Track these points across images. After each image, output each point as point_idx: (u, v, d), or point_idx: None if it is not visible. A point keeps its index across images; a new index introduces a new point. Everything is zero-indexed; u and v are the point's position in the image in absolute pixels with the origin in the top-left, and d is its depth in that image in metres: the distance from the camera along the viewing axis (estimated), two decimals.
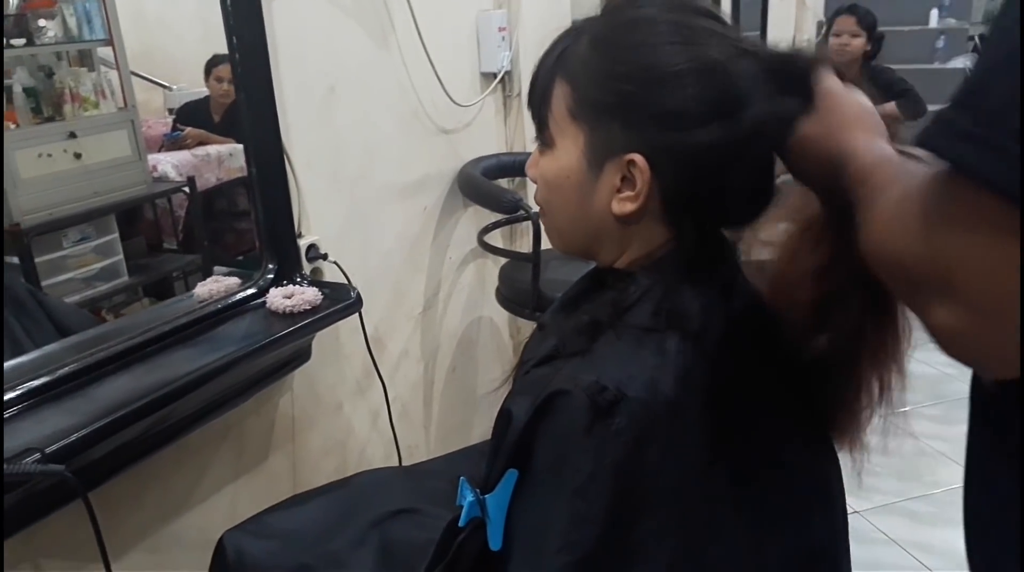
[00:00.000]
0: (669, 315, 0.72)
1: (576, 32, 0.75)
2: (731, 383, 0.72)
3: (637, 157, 0.70)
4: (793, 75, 0.69)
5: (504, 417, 0.76)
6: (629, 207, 0.72)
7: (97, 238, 2.58)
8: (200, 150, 3.00)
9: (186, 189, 2.82)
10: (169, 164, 2.87)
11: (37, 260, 2.33)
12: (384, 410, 1.73)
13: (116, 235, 2.64)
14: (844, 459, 0.83)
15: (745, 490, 0.73)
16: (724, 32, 0.71)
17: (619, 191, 0.72)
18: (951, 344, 0.47)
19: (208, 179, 2.94)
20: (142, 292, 2.73)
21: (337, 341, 1.67)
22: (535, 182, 0.81)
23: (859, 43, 3.04)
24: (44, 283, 2.33)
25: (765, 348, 0.76)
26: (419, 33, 1.72)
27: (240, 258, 3.12)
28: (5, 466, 0.93)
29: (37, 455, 0.98)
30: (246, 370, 1.35)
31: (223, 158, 2.99)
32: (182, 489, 1.42)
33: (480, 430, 2.24)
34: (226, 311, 1.40)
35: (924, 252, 0.46)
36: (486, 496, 0.77)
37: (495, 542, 0.75)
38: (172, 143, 3.10)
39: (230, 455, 1.50)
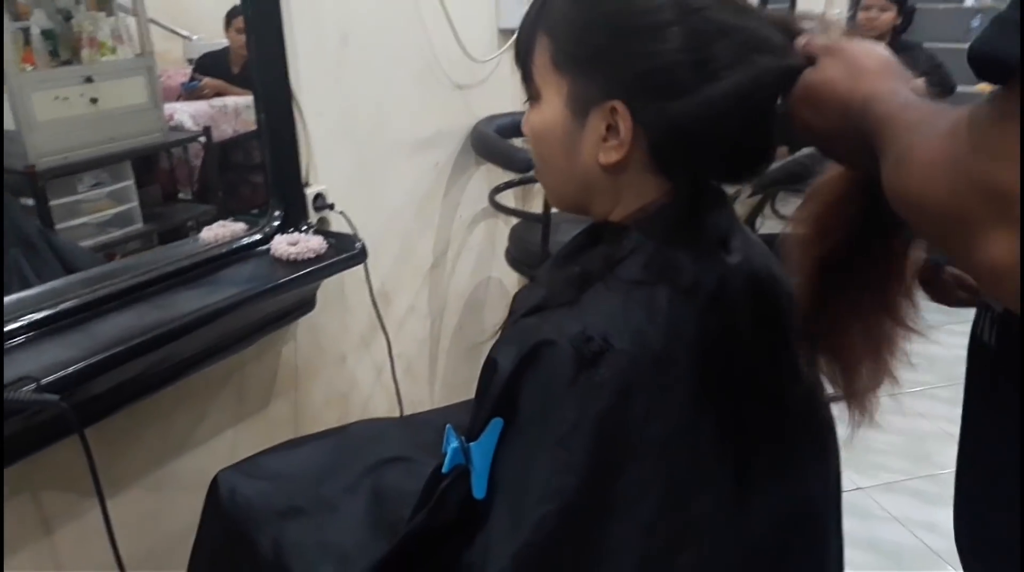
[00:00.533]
0: (660, 268, 0.71)
1: None
2: (722, 338, 0.71)
3: (618, 104, 0.69)
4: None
5: (490, 366, 0.75)
6: (615, 156, 0.72)
7: (112, 184, 2.59)
8: (217, 101, 3.00)
9: (202, 139, 2.82)
10: (186, 114, 2.87)
11: (52, 203, 2.35)
12: (388, 364, 1.73)
13: (131, 182, 2.65)
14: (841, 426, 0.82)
15: (732, 446, 0.72)
16: None
17: (605, 140, 0.72)
18: (1005, 278, 0.43)
19: (225, 130, 2.94)
20: (156, 239, 2.75)
21: (343, 293, 1.67)
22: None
23: (888, 17, 2.97)
24: (58, 226, 2.35)
25: (764, 306, 0.74)
26: None
27: (255, 211, 3.12)
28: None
29: (33, 384, 0.98)
30: (247, 314, 1.35)
31: (240, 110, 2.99)
32: (182, 429, 1.43)
33: None
34: (230, 255, 1.40)
35: (978, 180, 0.43)
36: (471, 444, 0.76)
37: (479, 490, 0.75)
38: (189, 93, 3.10)
39: (231, 399, 1.51)
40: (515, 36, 0.79)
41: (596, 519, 0.69)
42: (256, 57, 1.38)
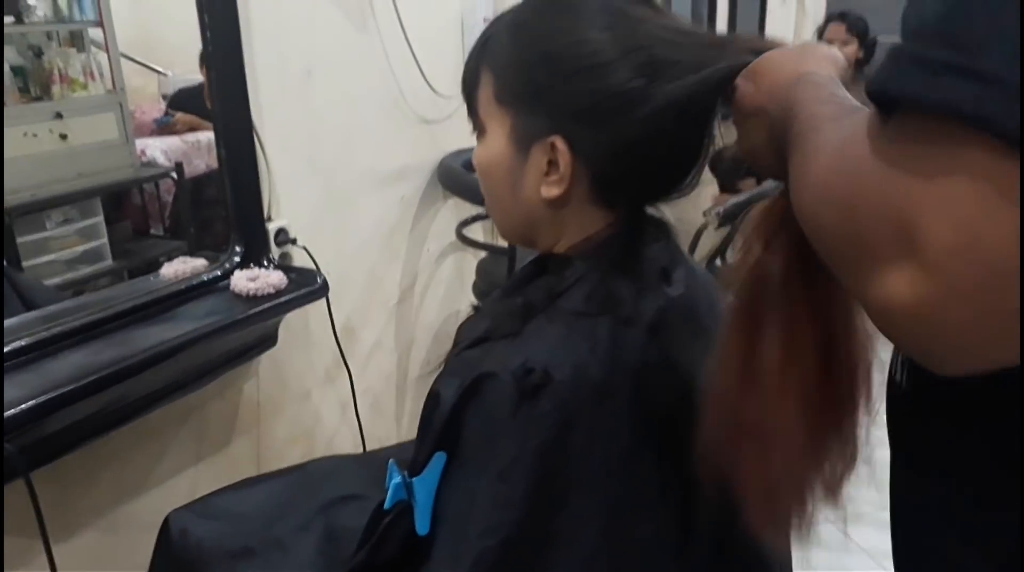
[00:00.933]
0: (602, 300, 0.71)
1: (499, 20, 0.75)
2: (662, 369, 0.71)
3: (558, 140, 0.70)
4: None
5: (432, 399, 0.75)
6: (556, 191, 0.72)
7: (81, 220, 2.57)
8: (191, 136, 2.99)
9: (174, 175, 2.81)
10: (158, 149, 2.86)
11: (19, 240, 2.32)
12: (352, 400, 1.71)
13: (101, 218, 2.63)
14: None
15: (674, 474, 0.71)
16: (654, 16, 0.71)
17: (547, 175, 0.72)
18: (899, 320, 0.37)
19: (197, 166, 2.93)
20: (127, 276, 2.71)
21: (307, 328, 1.65)
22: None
23: (850, 50, 3.04)
24: (25, 264, 2.32)
25: (703, 338, 0.74)
26: (400, 19, 1.71)
27: (226, 247, 3.12)
28: None
29: None
30: (206, 351, 1.34)
31: (213, 145, 2.97)
32: (140, 470, 1.41)
33: None
34: (190, 292, 1.39)
35: (881, 200, 0.37)
36: (413, 479, 0.75)
37: (422, 526, 0.74)
38: (162, 128, 3.09)
39: (191, 438, 1.49)
40: (462, 72, 0.80)
41: (538, 552, 0.68)
42: (216, 91, 1.38)
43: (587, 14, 0.70)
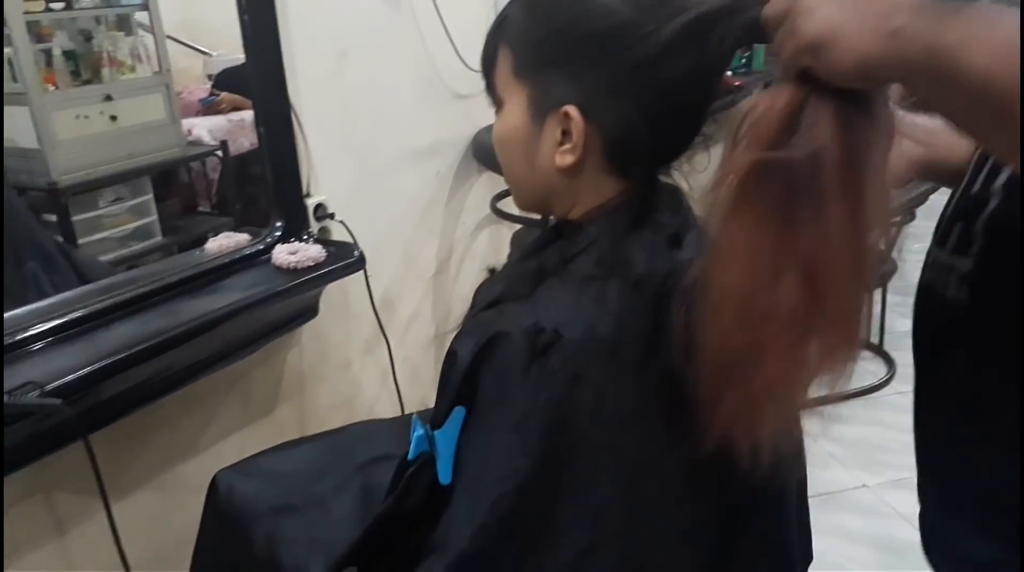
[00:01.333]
0: (612, 263, 0.74)
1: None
2: (669, 331, 0.74)
3: (571, 109, 0.73)
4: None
5: (450, 357, 0.79)
6: (569, 159, 0.75)
7: (132, 199, 2.67)
8: (235, 115, 3.07)
9: (219, 153, 2.89)
10: (204, 128, 2.94)
11: (74, 218, 2.42)
12: (392, 369, 1.77)
13: (151, 196, 2.72)
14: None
15: (680, 432, 0.74)
16: None
17: (561, 144, 0.75)
18: None
19: (242, 144, 3.01)
20: (176, 252, 2.82)
21: (346, 300, 1.71)
22: None
23: None
24: (81, 241, 2.42)
25: None
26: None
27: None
28: (7, 397, 0.99)
29: (36, 390, 1.04)
30: (249, 321, 1.40)
31: None
32: (189, 434, 1.48)
33: None
34: (233, 265, 1.45)
35: None
36: (435, 432, 0.80)
37: (444, 476, 0.78)
38: (208, 108, 3.17)
39: (237, 404, 1.56)
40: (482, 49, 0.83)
41: (549, 500, 0.72)
42: (255, 72, 1.43)
43: None
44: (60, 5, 2.46)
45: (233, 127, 2.99)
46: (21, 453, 1.17)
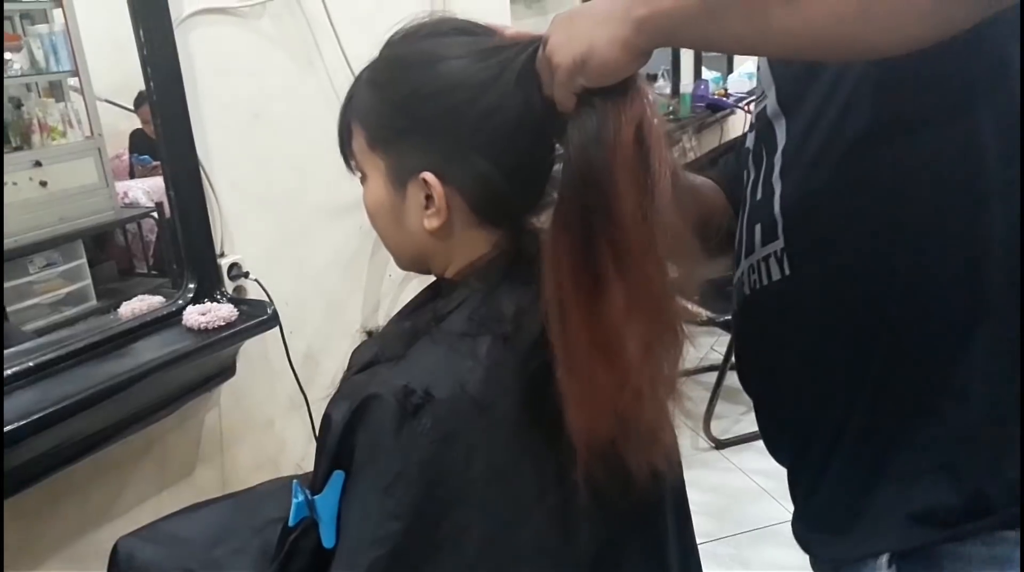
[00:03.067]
0: (482, 319, 0.76)
1: (359, 78, 0.81)
2: (542, 379, 0.75)
3: (428, 175, 0.75)
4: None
5: (326, 420, 0.80)
6: (436, 222, 0.77)
7: (64, 263, 2.63)
8: None
9: (155, 214, 2.89)
10: (140, 190, 2.93)
11: (4, 285, 2.39)
12: (312, 429, 1.77)
13: (84, 260, 2.69)
14: None
15: (553, 479, 0.76)
16: (474, 41, 0.76)
17: (426, 209, 0.77)
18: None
19: None
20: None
21: (267, 358, 1.71)
22: None
23: None
24: (10, 309, 2.39)
25: None
26: (346, 58, 1.78)
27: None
28: None
29: None
30: (162, 383, 1.40)
31: None
32: (103, 501, 1.46)
33: None
34: (144, 328, 1.46)
35: None
36: (315, 497, 0.81)
37: (327, 540, 0.79)
38: (146, 168, 3.18)
39: (153, 469, 1.55)
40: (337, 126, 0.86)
41: (425, 560, 0.73)
42: (163, 135, 1.45)
43: (414, 59, 0.77)
44: None
45: None
46: None
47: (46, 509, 1.37)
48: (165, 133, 1.45)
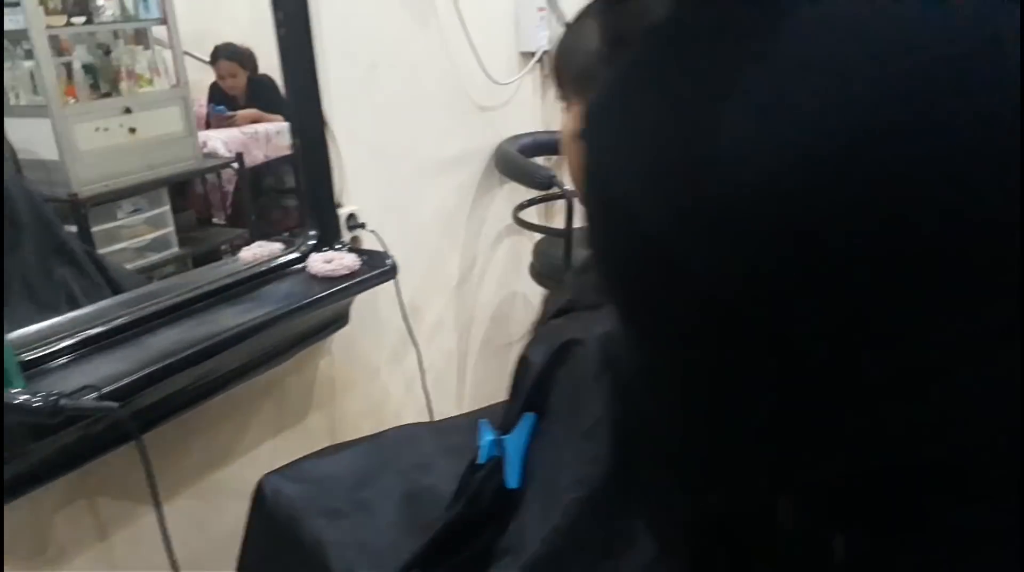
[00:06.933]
0: None
1: (584, 9, 0.81)
2: None
3: None
4: None
5: (522, 363, 0.81)
6: None
7: (149, 210, 2.69)
8: (249, 128, 3.11)
9: (234, 165, 2.92)
10: (219, 140, 2.97)
11: (93, 229, 2.45)
12: (417, 377, 1.80)
13: (168, 208, 2.75)
14: None
15: None
16: None
17: None
18: None
19: (256, 156, 3.04)
20: (191, 263, 2.84)
21: (375, 308, 1.73)
22: None
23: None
24: (99, 252, 2.44)
25: None
26: (458, 11, 1.77)
27: (286, 234, 3.23)
28: (63, 400, 1.01)
29: (95, 393, 1.06)
30: (286, 329, 1.42)
31: (271, 136, 3.09)
32: (226, 440, 1.50)
33: None
34: (269, 274, 1.48)
35: None
36: (504, 437, 0.82)
37: (512, 479, 0.81)
38: (218, 118, 3.21)
39: (272, 411, 1.58)
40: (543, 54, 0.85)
41: (620, 505, 0.74)
42: (291, 86, 1.46)
43: None
44: (81, 19, 2.49)
45: (248, 139, 3.02)
46: (66, 457, 1.19)
47: (176, 446, 1.41)
48: (293, 82, 1.45)
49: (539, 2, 2.00)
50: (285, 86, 1.47)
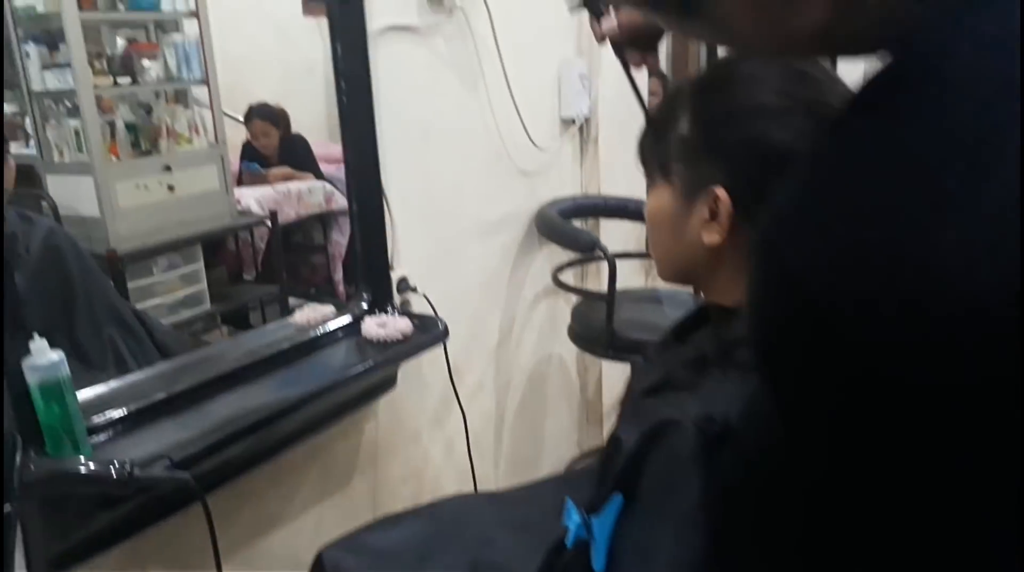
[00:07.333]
0: None
1: (679, 89, 0.82)
2: None
3: (719, 191, 0.76)
4: None
5: (614, 443, 0.80)
6: (716, 238, 0.78)
7: (184, 266, 2.71)
8: (281, 186, 3.16)
9: (268, 222, 2.96)
10: (252, 198, 3.01)
11: (129, 285, 2.46)
12: (457, 440, 1.79)
13: (201, 264, 2.77)
14: None
15: None
16: (818, 80, 0.76)
17: (708, 222, 0.78)
18: None
19: (288, 214, 3.08)
20: (219, 320, 2.86)
21: (419, 371, 1.73)
22: None
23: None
24: (135, 307, 2.46)
25: None
26: (507, 79, 1.81)
27: (312, 290, 3.25)
28: (137, 470, 1.00)
29: (167, 461, 1.05)
30: (343, 394, 1.42)
31: (303, 194, 3.14)
32: (275, 506, 1.49)
33: (548, 465, 2.28)
34: (323, 338, 1.48)
35: None
36: (592, 517, 0.81)
37: (598, 563, 0.79)
38: (251, 176, 3.26)
39: (318, 477, 1.57)
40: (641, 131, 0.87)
41: None
42: (350, 153, 1.48)
43: (760, 81, 0.77)
44: (126, 80, 2.55)
45: (280, 197, 3.06)
46: (123, 525, 1.18)
47: (229, 513, 1.39)
48: (354, 148, 1.48)
49: (581, 70, 2.04)
50: (344, 152, 1.50)
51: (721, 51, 0.71)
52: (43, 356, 1.06)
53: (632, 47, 0.71)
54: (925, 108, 0.37)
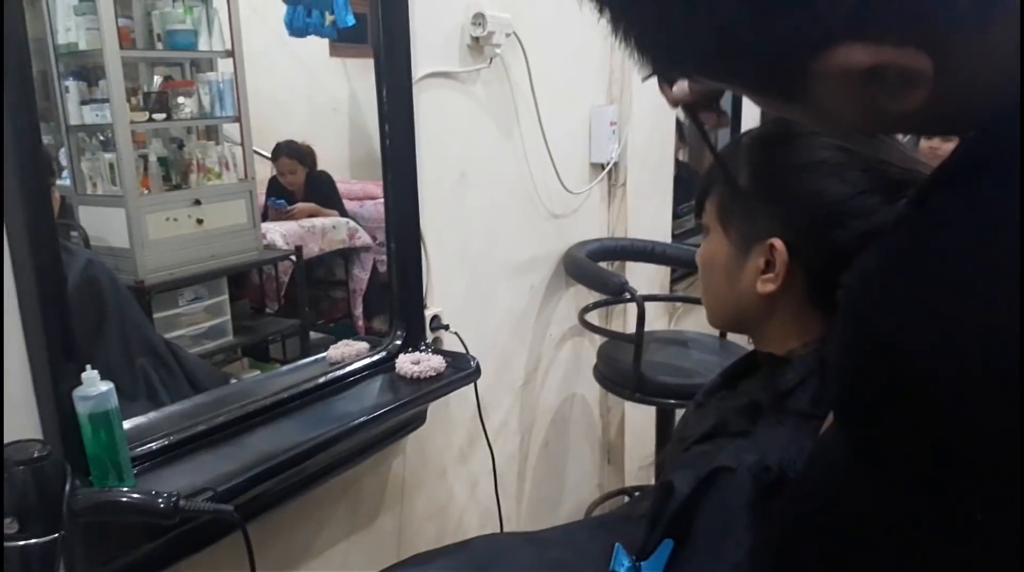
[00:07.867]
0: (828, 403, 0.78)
1: (738, 140, 0.85)
2: None
3: (776, 242, 0.78)
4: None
5: (666, 489, 0.81)
6: (770, 287, 0.80)
7: (209, 298, 2.75)
8: (306, 221, 3.20)
9: (293, 257, 3.00)
10: (278, 233, 3.06)
11: (155, 316, 2.49)
12: (482, 478, 1.79)
13: (226, 296, 2.81)
14: None
15: None
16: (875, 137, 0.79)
17: (764, 273, 0.80)
18: None
19: (312, 249, 3.12)
20: (240, 352, 2.89)
21: (448, 408, 1.74)
22: None
23: (948, 147, 3.10)
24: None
25: None
26: (541, 125, 1.85)
27: (332, 325, 3.28)
28: (183, 502, 1.02)
29: (210, 493, 1.06)
30: (375, 430, 1.43)
31: (327, 230, 3.18)
32: (303, 542, 1.49)
33: (568, 506, 2.27)
34: (358, 373, 1.50)
35: None
36: (641, 563, 0.82)
37: None
38: (276, 212, 3.31)
39: (347, 512, 1.57)
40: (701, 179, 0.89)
41: None
42: (391, 195, 1.51)
43: (818, 136, 0.79)
44: (161, 116, 2.61)
45: (304, 233, 3.10)
46: (163, 555, 1.19)
47: (259, 547, 1.39)
48: (394, 188, 1.51)
49: (612, 117, 2.08)
50: (384, 193, 1.53)
51: None
52: (94, 386, 1.09)
53: (703, 109, 0.74)
54: (1009, 186, 0.40)
